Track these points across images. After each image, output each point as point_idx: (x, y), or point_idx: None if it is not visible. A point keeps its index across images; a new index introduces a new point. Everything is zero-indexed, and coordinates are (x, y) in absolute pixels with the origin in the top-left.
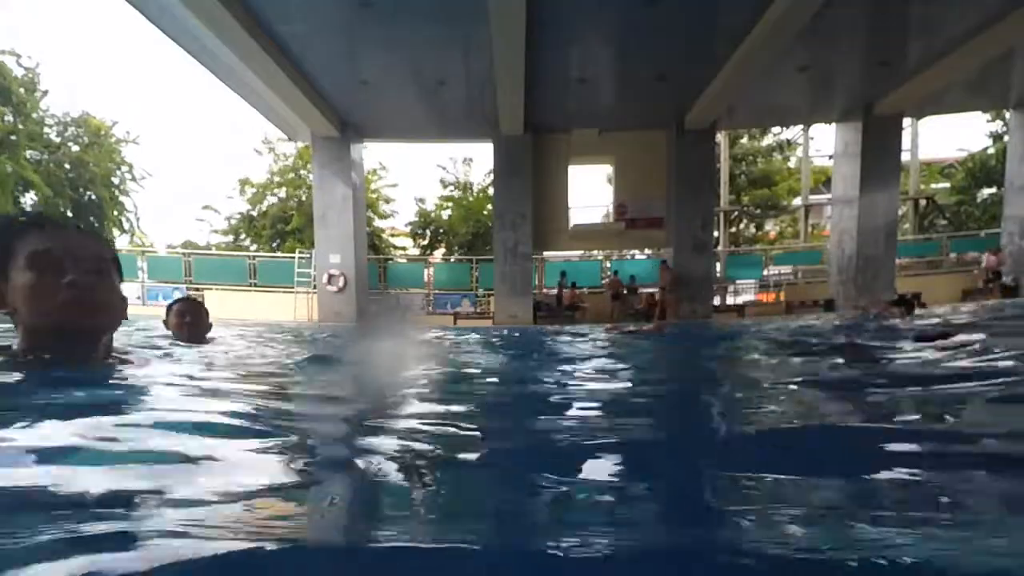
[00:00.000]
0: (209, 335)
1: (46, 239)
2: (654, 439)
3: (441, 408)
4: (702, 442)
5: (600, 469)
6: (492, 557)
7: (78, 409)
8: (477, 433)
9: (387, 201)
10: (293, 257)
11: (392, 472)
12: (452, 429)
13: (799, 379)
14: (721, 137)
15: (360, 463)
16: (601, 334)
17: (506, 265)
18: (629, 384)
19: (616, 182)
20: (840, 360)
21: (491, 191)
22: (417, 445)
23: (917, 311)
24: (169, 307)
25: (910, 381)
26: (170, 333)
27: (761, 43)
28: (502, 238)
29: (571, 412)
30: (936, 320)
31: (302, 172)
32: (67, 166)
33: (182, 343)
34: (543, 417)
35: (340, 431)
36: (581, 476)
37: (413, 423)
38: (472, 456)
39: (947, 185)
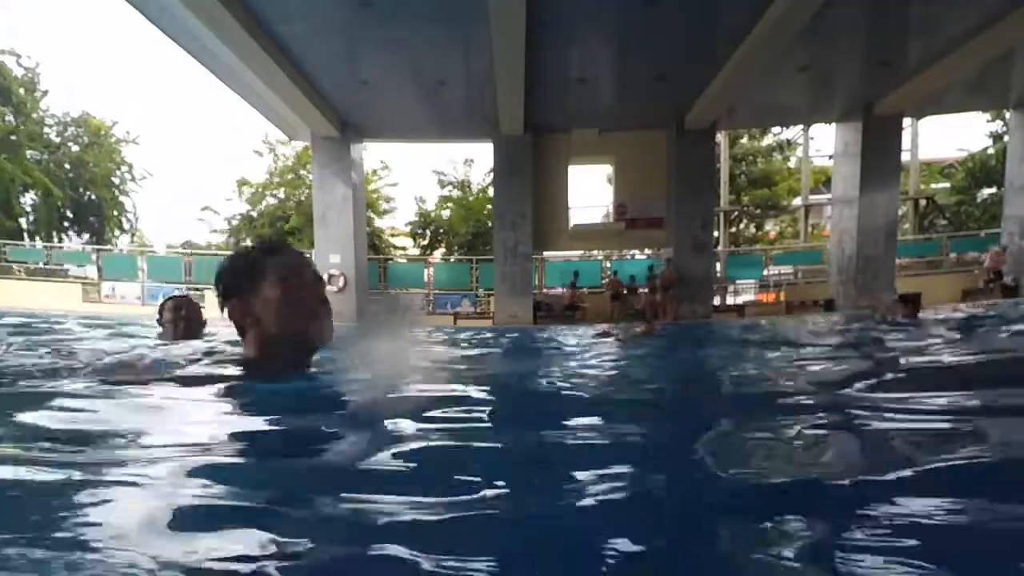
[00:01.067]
0: (203, 333)
1: (288, 258)
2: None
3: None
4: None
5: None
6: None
7: None
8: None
9: (387, 200)
10: None
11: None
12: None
13: None
14: (721, 137)
15: None
16: (587, 335)
17: (506, 265)
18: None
19: (616, 182)
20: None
21: (491, 191)
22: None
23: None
24: (163, 304)
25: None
26: (162, 330)
27: (761, 43)
28: (502, 238)
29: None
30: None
31: (301, 172)
32: (67, 166)
33: (174, 339)
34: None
35: None
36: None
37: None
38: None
39: (947, 185)
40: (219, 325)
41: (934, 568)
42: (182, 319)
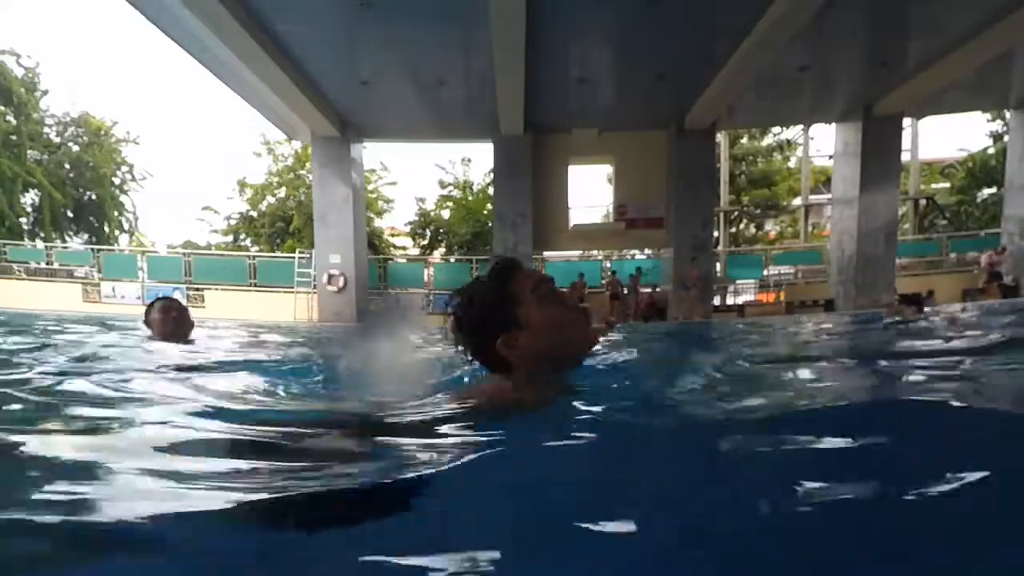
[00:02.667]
0: (191, 335)
1: (528, 272)
2: None
3: None
4: None
5: None
6: None
7: None
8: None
9: (387, 201)
10: (293, 257)
11: None
12: None
13: None
14: (721, 137)
15: None
16: None
17: None
18: None
19: (616, 182)
20: None
21: (491, 191)
22: None
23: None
24: (151, 305)
25: None
26: (150, 332)
27: (761, 43)
28: (502, 238)
29: None
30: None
31: (301, 172)
32: (67, 166)
33: (164, 340)
34: None
35: None
36: None
37: None
38: None
39: (947, 185)
40: (206, 328)
41: None
42: (172, 320)
